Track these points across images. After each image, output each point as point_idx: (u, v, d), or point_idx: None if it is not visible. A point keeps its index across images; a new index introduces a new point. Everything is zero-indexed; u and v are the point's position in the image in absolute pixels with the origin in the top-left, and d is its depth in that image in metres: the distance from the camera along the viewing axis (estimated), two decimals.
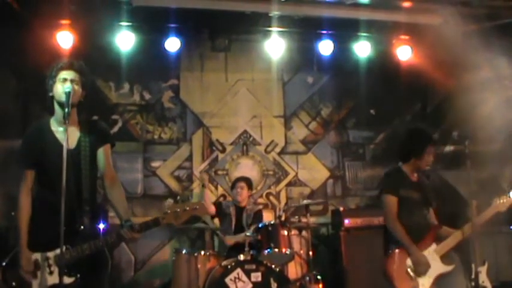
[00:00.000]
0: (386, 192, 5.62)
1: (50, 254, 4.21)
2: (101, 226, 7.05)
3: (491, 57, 7.81)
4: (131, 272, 8.71)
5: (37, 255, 4.23)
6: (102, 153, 4.50)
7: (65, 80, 4.29)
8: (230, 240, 7.73)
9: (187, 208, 4.24)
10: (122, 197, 4.50)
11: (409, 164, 5.71)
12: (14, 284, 4.22)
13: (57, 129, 4.39)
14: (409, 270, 5.34)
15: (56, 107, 4.37)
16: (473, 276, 6.26)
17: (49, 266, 4.21)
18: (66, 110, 4.13)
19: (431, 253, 5.43)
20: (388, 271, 5.41)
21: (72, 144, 4.35)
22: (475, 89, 7.80)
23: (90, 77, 4.54)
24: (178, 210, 4.22)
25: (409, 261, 5.37)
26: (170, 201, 8.93)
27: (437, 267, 5.39)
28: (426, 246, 5.45)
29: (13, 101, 8.33)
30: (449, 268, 5.39)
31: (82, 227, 4.24)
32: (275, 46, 9.13)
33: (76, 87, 4.30)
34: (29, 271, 4.18)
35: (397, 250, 5.42)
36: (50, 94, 4.36)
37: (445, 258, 5.41)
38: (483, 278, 6.93)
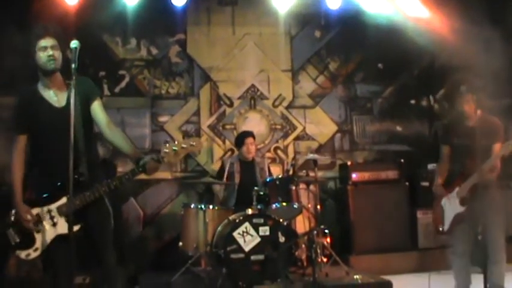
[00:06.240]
0: (440, 142, 6.26)
1: (52, 206, 4.34)
2: None
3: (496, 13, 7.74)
4: (140, 226, 8.81)
5: (37, 210, 4.34)
6: (98, 107, 4.61)
7: (45, 48, 4.40)
8: None
9: (185, 145, 4.36)
10: (124, 135, 4.67)
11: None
12: (17, 240, 4.34)
13: (46, 92, 4.53)
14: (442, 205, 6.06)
15: (40, 74, 4.53)
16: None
17: (52, 217, 4.33)
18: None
19: (453, 196, 5.92)
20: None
21: (62, 103, 4.49)
22: (483, 45, 7.72)
23: (64, 36, 4.58)
24: (176, 148, 4.33)
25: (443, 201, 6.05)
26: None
27: (454, 208, 5.92)
28: (451, 190, 5.97)
29: (20, 58, 8.30)
30: (462, 209, 5.85)
31: (81, 178, 4.33)
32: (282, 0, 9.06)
33: (56, 53, 4.43)
34: (31, 220, 4.28)
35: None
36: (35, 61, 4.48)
37: (464, 199, 5.84)
38: None
